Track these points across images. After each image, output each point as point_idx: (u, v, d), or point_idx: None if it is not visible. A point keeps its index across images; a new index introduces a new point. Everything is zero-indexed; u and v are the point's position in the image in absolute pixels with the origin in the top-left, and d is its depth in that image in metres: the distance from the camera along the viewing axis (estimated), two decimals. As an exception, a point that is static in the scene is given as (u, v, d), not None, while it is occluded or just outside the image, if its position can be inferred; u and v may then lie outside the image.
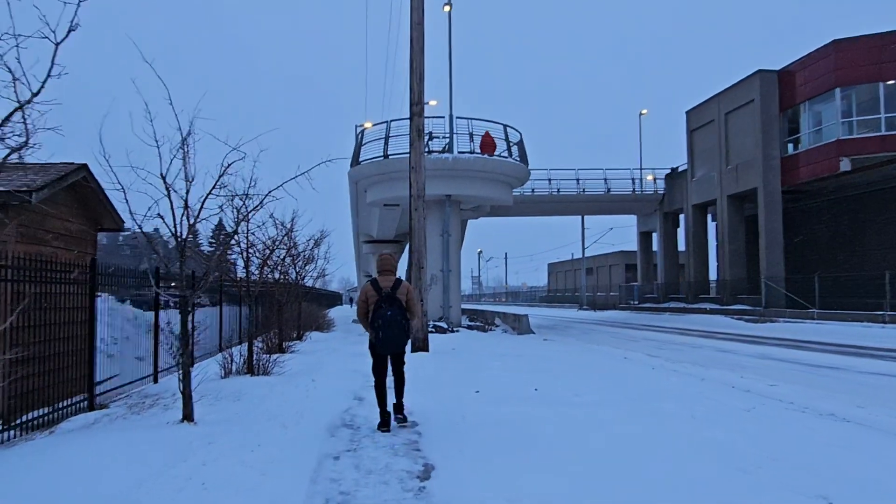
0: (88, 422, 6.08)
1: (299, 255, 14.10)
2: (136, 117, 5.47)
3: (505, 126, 21.31)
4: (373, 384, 6.10)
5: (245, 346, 11.08)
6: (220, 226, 14.89)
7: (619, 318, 34.62)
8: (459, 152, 20.24)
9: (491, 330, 21.87)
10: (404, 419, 5.95)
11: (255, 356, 9.39)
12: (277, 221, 10.19)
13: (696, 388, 8.40)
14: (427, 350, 13.41)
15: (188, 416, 5.65)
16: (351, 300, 69.47)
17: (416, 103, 13.84)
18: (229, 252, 9.49)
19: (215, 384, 8.38)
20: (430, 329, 15.53)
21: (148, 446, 4.61)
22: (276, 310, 13.44)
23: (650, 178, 37.69)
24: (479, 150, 20.39)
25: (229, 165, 5.63)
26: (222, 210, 5.94)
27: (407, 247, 39.59)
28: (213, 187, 5.57)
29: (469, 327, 21.05)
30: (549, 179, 36.35)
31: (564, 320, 35.11)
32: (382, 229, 33.01)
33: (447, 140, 20.90)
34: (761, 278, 26.66)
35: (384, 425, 5.74)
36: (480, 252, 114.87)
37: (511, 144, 21.38)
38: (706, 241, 33.19)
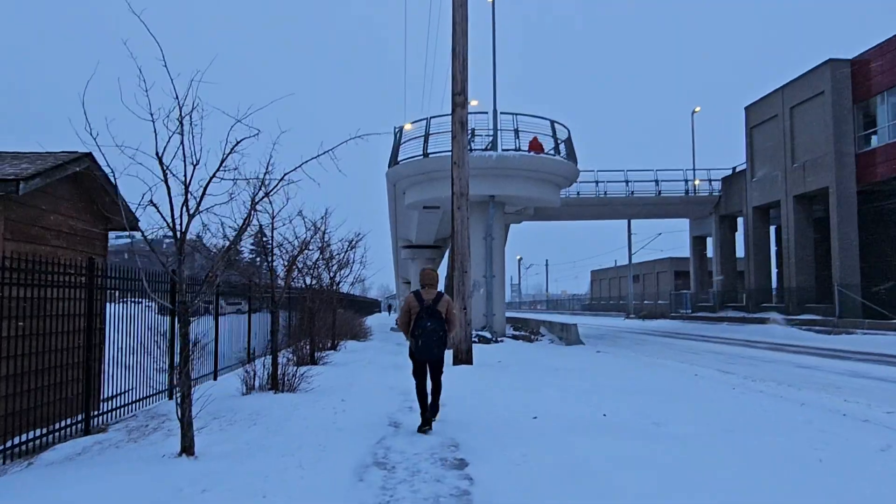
0: (75, 451, 5.15)
1: (332, 257, 13.16)
2: (129, 85, 4.53)
3: (552, 122, 20.05)
4: (414, 396, 6.73)
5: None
6: (261, 231, 13.99)
7: (672, 328, 32.71)
8: (504, 150, 19.08)
9: (537, 340, 20.55)
10: (429, 427, 6.19)
11: (280, 370, 8.40)
12: (307, 220, 9.22)
13: (799, 415, 6.99)
14: (471, 363, 12.25)
15: (187, 448, 4.64)
16: (390, 307, 68.88)
17: (459, 92, 12.76)
18: (251, 254, 8.58)
19: (233, 402, 7.42)
20: (473, 339, 14.39)
21: (123, 494, 3.59)
22: (307, 318, 12.51)
23: (696, 182, 35.61)
24: (525, 148, 19.18)
25: (238, 143, 4.62)
26: (232, 198, 4.93)
27: (447, 252, 38.54)
28: (218, 169, 4.56)
29: (514, 337, 19.80)
30: (597, 181, 34.74)
31: (612, 329, 33.41)
32: (421, 234, 32.06)
33: (490, 138, 19.78)
34: (834, 285, 24.50)
35: (425, 425, 6.19)
36: (520, 259, 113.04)
37: (559, 142, 20.09)
38: (768, 246, 31.02)
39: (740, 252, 36.09)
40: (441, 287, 33.54)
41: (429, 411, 6.30)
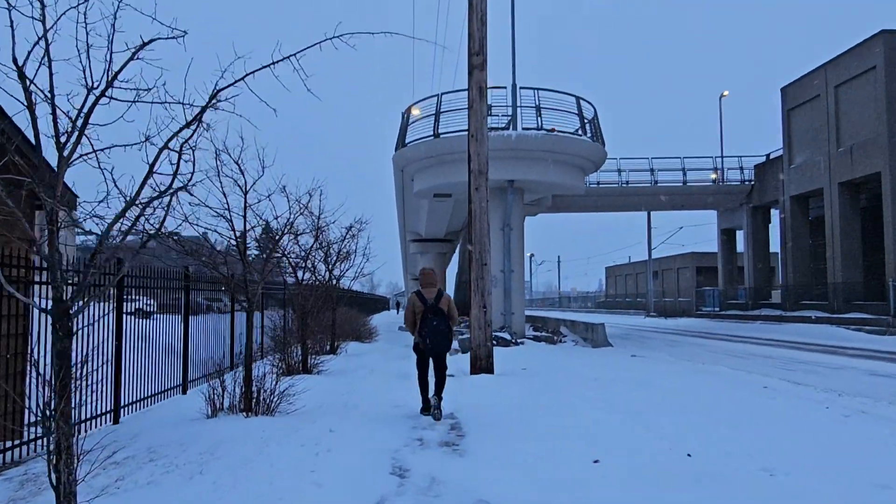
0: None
1: (329, 246, 11.45)
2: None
3: (578, 98, 18.23)
4: (417, 380, 7.23)
5: (261, 364, 8.48)
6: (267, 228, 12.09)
7: (700, 327, 30.80)
8: (524, 128, 17.28)
9: (560, 342, 18.77)
10: (440, 413, 6.66)
11: (255, 385, 6.70)
12: (292, 198, 7.46)
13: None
14: (492, 371, 10.51)
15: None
16: (398, 305, 67.20)
17: (477, 52, 10.99)
18: (229, 242, 6.85)
19: (188, 430, 5.73)
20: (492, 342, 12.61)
21: None
22: (299, 318, 10.82)
23: (713, 172, 33.55)
24: (547, 128, 17.36)
25: (143, 46, 2.88)
26: (149, 140, 3.20)
27: (458, 246, 36.81)
28: (110, 85, 2.81)
29: (535, 338, 18.04)
30: (619, 170, 32.84)
31: (635, 328, 31.54)
32: (431, 226, 30.33)
33: (508, 118, 17.98)
34: (888, 280, 22.52)
35: (426, 410, 6.88)
36: (532, 255, 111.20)
37: (585, 121, 18.26)
38: (807, 239, 29.01)
39: (773, 246, 34.12)
40: (452, 285, 31.68)
41: (433, 399, 6.82)
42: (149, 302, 9.47)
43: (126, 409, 7.04)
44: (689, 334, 26.52)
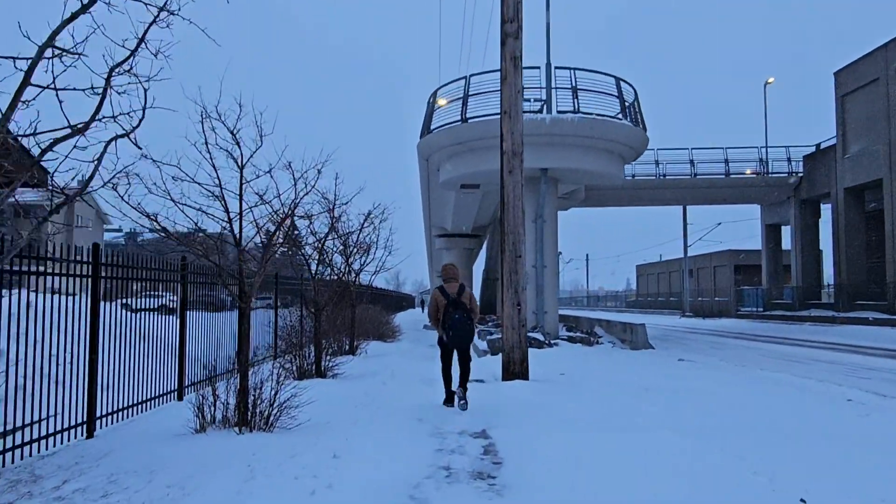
0: None
1: (347, 236, 10.44)
2: None
3: (617, 79, 16.94)
4: (441, 372, 7.51)
5: (270, 368, 7.46)
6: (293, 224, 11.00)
7: (743, 329, 29.14)
8: (559, 111, 16.06)
9: (597, 343, 17.51)
10: (465, 401, 7.00)
11: (252, 395, 5.69)
12: (298, 173, 6.36)
13: None
14: (527, 377, 9.38)
15: None
16: (422, 303, 66.28)
17: (511, 19, 9.85)
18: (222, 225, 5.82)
19: (164, 451, 4.75)
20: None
21: None
22: (315, 316, 9.83)
23: (747, 172, 31.69)
24: (585, 111, 16.11)
25: None
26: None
27: (486, 242, 35.65)
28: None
29: (570, 339, 16.82)
30: (656, 161, 31.31)
31: (672, 329, 30.00)
32: (458, 219, 29.23)
33: (541, 102, 16.77)
34: (959, 280, 20.74)
35: (448, 401, 7.22)
36: (560, 253, 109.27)
37: (626, 104, 16.96)
38: (863, 234, 27.15)
39: (822, 243, 32.23)
40: (478, 282, 30.35)
41: (458, 391, 7.09)
42: (172, 298, 8.51)
43: (105, 419, 6.11)
44: (733, 336, 24.97)
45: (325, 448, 4.76)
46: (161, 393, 7.41)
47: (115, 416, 6.28)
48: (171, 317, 7.81)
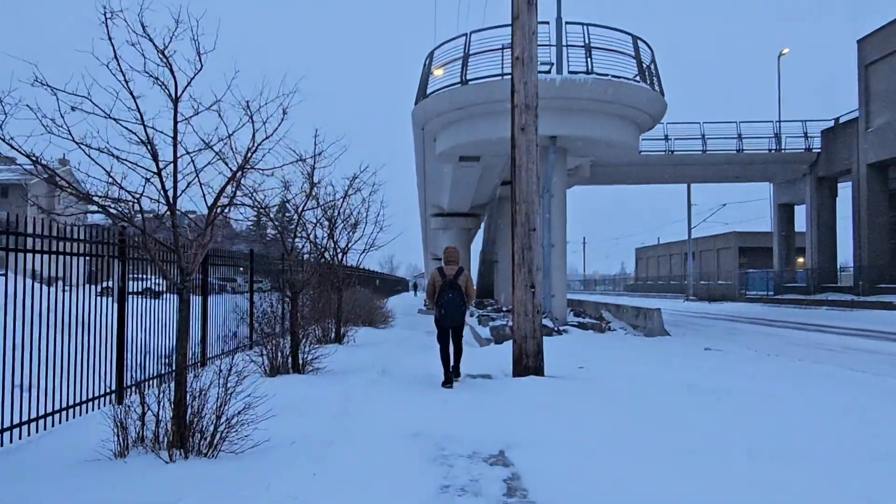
0: None
1: (331, 207, 8.97)
2: None
3: (634, 38, 15.41)
4: (439, 353, 7.73)
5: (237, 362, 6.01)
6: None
7: (755, 314, 27.93)
8: (571, 72, 14.54)
9: (609, 329, 16.18)
10: (458, 376, 7.80)
11: (192, 406, 4.27)
12: (252, 111, 4.86)
13: None
14: (541, 372, 8.00)
15: None
16: (415, 287, 64.89)
17: (525, -55, 8.32)
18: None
19: (45, 496, 3.32)
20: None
21: None
22: (291, 300, 8.39)
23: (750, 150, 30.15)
24: (599, 72, 14.60)
25: None
26: None
27: (484, 222, 34.09)
28: None
29: (580, 326, 15.47)
30: (666, 136, 29.80)
31: (680, 314, 28.73)
32: (455, 197, 27.73)
33: (549, 65, 15.22)
34: None
35: (447, 383, 7.38)
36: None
37: (644, 66, 15.44)
38: (886, 213, 25.83)
39: (839, 223, 30.95)
40: (475, 263, 28.76)
41: (451, 372, 7.60)
42: (158, 281, 7.69)
43: (12, 432, 4.70)
44: (747, 321, 23.71)
45: (281, 489, 3.34)
46: (94, 396, 6.00)
47: (24, 427, 4.87)
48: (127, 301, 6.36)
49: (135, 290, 7.15)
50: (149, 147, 4.22)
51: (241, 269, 10.89)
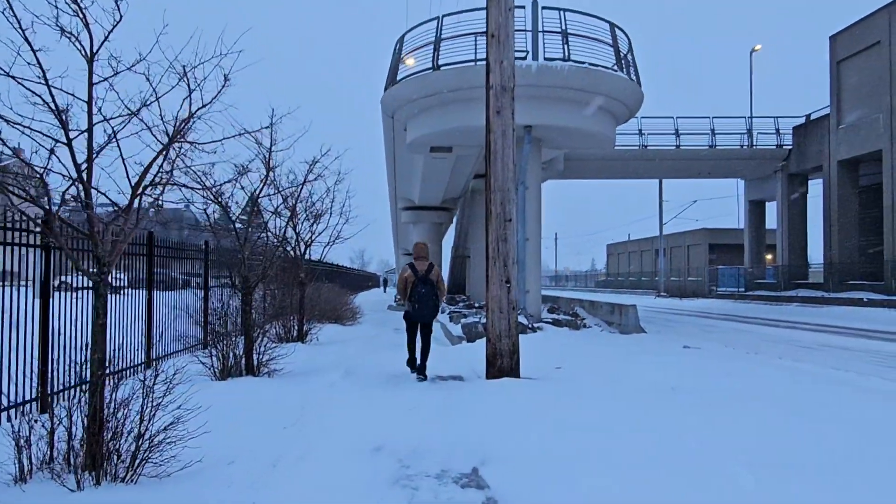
0: None
1: (295, 196, 8.30)
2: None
3: (612, 25, 14.98)
4: (406, 341, 8.16)
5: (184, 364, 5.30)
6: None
7: (727, 310, 27.98)
8: (547, 59, 14.04)
9: (584, 327, 15.79)
10: (424, 377, 7.67)
11: (110, 420, 3.61)
12: (189, 76, 4.17)
13: None
14: (517, 374, 7.48)
15: None
16: (385, 283, 64.04)
17: (502, -88, 7.75)
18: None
19: None
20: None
21: None
22: (244, 294, 7.70)
23: (718, 134, 30.30)
24: (576, 59, 14.13)
25: None
26: None
27: (456, 216, 33.52)
28: None
29: (555, 322, 15.02)
30: (640, 130, 29.65)
31: (653, 310, 28.61)
32: (426, 190, 27.13)
33: (525, 53, 14.70)
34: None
35: (411, 363, 8.05)
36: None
37: (622, 55, 15.03)
38: (856, 209, 26.04)
39: (810, 221, 31.23)
40: (446, 264, 28.28)
41: (418, 365, 7.82)
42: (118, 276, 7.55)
43: None
44: (720, 318, 23.67)
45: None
46: (9, 405, 5.26)
47: None
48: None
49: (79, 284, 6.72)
50: (55, 111, 3.53)
51: (197, 261, 10.14)
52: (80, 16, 3.65)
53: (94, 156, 3.52)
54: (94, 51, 3.68)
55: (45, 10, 3.70)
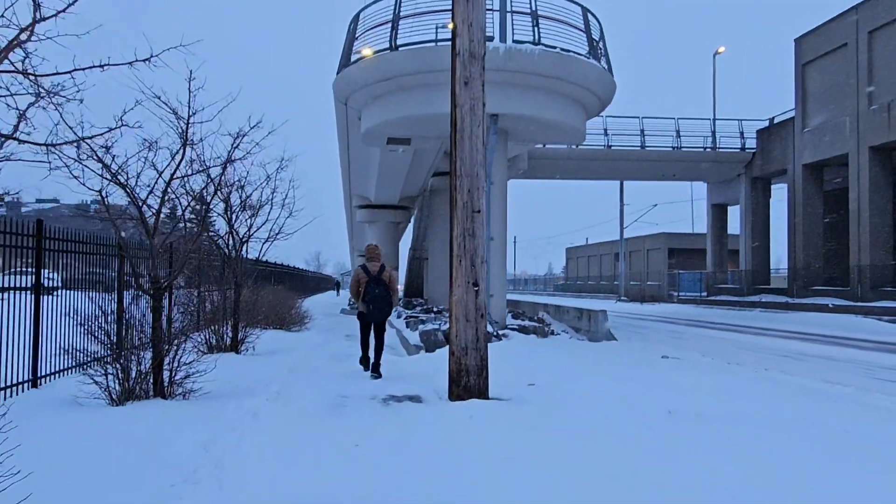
0: None
1: (212, 176, 6.94)
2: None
3: (584, 9, 14.05)
4: (359, 341, 8.52)
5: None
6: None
7: (691, 315, 27.58)
8: (516, 41, 12.99)
9: (551, 333, 14.78)
10: (379, 375, 7.91)
11: None
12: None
13: None
14: (486, 394, 6.34)
15: None
16: (337, 285, 62.22)
17: None
18: None
19: None
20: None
21: None
22: (151, 299, 6.32)
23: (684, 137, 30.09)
24: (547, 43, 13.12)
25: None
26: None
27: (414, 216, 32.23)
28: None
29: (521, 329, 13.96)
30: (605, 130, 29.02)
31: (618, 315, 27.96)
32: (383, 187, 25.84)
33: (491, 35, 13.61)
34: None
35: (364, 361, 8.40)
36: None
37: (594, 42, 14.10)
38: (821, 214, 25.94)
39: (773, 224, 31.20)
40: (403, 265, 27.18)
41: (372, 363, 8.05)
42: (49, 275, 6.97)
43: None
44: (685, 323, 23.16)
45: None
46: None
47: None
48: None
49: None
50: None
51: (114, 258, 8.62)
52: None
53: None
54: None
55: None
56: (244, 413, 5.21)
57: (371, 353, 8.19)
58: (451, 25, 6.95)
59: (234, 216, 9.67)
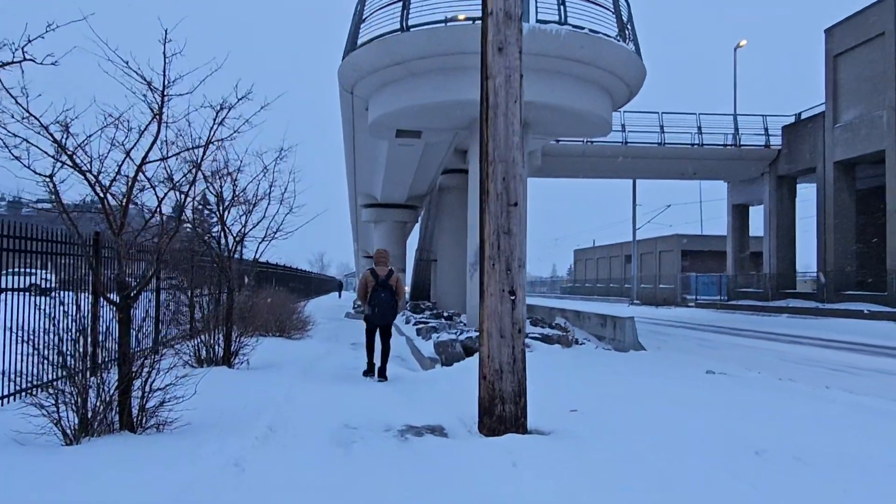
0: None
1: (190, 157, 5.85)
2: None
3: (614, -12, 12.92)
4: (364, 345, 8.62)
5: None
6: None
7: (710, 320, 26.35)
8: (539, 21, 11.89)
9: (575, 342, 13.63)
10: (385, 379, 8.28)
11: None
12: None
13: None
14: (525, 428, 5.22)
15: None
16: (340, 287, 61.19)
17: None
18: None
19: None
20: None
21: None
22: (118, 309, 5.22)
23: (705, 133, 28.90)
24: (573, 24, 12.01)
25: None
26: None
27: (421, 216, 31.06)
28: None
29: (543, 339, 12.80)
30: (623, 126, 27.86)
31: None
32: (390, 185, 24.74)
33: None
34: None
35: (369, 371, 8.58)
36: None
37: (624, 23, 13.00)
38: (853, 215, 24.71)
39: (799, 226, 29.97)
40: (411, 262, 26.14)
41: (378, 368, 8.37)
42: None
43: None
44: (711, 330, 21.94)
45: None
46: None
47: None
48: None
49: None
50: None
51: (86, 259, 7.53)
52: None
53: None
54: None
55: None
56: (225, 459, 4.10)
57: (377, 359, 8.41)
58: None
59: (226, 212, 8.59)
